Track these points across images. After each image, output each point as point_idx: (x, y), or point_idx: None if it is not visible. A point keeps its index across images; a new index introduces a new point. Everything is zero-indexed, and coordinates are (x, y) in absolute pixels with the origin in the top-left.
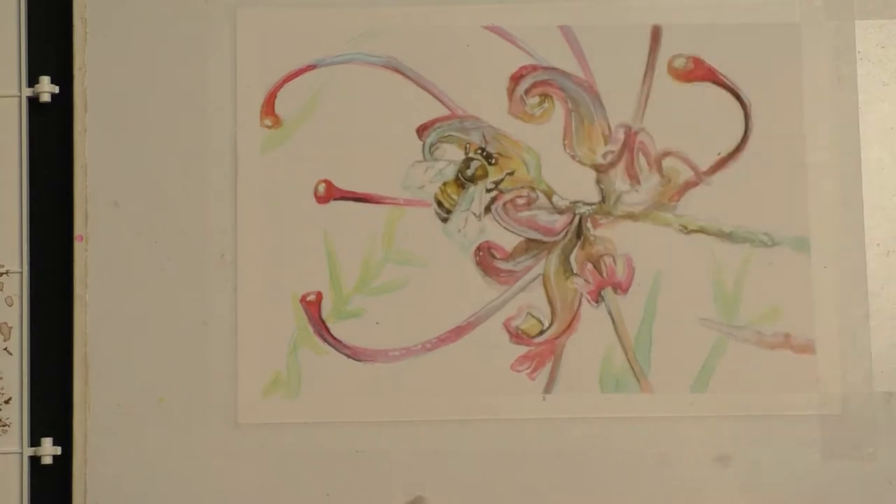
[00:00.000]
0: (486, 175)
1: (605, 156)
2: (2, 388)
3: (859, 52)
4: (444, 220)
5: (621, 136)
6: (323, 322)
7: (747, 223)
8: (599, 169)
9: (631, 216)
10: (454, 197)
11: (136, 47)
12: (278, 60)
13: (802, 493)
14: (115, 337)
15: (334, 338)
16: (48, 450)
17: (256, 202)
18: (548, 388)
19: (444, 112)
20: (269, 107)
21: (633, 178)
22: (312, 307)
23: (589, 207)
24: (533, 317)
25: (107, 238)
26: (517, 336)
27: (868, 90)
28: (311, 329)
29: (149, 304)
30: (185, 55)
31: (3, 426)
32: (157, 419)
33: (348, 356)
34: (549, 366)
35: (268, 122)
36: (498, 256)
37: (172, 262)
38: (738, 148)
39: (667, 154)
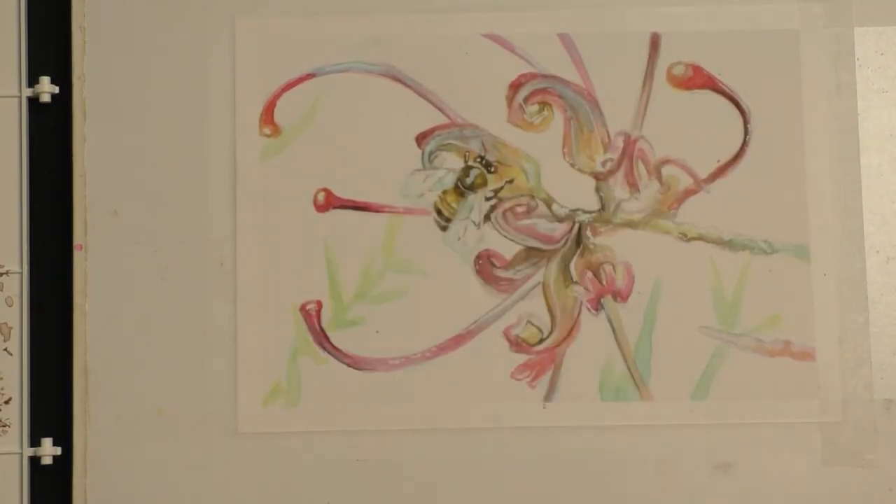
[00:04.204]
0: (485, 183)
1: (604, 163)
2: (2, 389)
3: (858, 58)
4: (444, 229)
5: (620, 143)
6: (323, 331)
7: (747, 231)
8: (599, 177)
9: (630, 224)
10: (453, 205)
11: (135, 55)
12: (277, 69)
13: (803, 501)
14: (114, 346)
15: (334, 346)
16: (48, 450)
17: (256, 211)
18: (548, 397)
19: (444, 120)
20: (268, 115)
21: (633, 186)
22: (312, 316)
23: (588, 215)
24: (533, 325)
25: (106, 247)
26: (517, 344)
27: (867, 97)
28: (310, 338)
29: (148, 314)
30: (184, 64)
31: (3, 426)
32: (156, 429)
33: (348, 365)
34: (549, 374)
35: (267, 130)
36: (497, 265)
37: (172, 272)
38: (738, 155)
39: (666, 161)
